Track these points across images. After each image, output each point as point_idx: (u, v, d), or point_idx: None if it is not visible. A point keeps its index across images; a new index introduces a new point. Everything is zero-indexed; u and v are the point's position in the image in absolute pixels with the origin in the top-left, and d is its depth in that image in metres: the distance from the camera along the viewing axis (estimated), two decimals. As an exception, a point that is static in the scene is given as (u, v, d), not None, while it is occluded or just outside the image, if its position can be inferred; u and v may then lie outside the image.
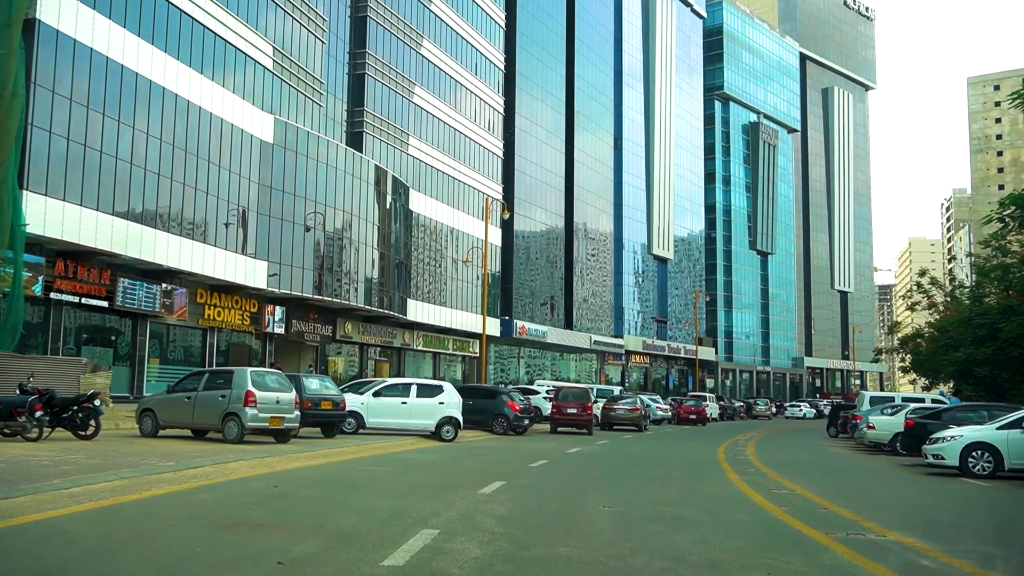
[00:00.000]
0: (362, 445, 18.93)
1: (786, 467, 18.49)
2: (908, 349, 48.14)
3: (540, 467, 16.14)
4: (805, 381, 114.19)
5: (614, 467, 17.35)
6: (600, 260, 77.22)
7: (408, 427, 22.89)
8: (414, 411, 22.60)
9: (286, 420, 17.67)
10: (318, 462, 15.13)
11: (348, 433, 21.90)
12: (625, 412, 34.91)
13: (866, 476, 17.92)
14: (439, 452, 19.01)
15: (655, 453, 22.05)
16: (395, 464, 15.66)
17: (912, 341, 45.59)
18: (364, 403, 22.52)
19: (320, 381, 21.02)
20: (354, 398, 22.46)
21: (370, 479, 12.99)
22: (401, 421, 22.75)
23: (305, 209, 38.92)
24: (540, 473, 15.00)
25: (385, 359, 50.69)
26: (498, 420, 26.71)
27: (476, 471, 14.83)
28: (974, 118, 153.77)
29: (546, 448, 21.79)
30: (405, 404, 22.71)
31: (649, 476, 15.18)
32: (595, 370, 75.42)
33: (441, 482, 12.88)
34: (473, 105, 57.34)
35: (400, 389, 23.34)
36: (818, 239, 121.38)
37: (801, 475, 16.52)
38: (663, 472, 16.02)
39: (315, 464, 14.78)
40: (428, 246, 52.28)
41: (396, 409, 22.63)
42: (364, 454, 17.30)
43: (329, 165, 40.61)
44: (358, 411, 22.30)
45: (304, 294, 39.21)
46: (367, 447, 18.76)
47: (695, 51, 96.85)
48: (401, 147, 49.41)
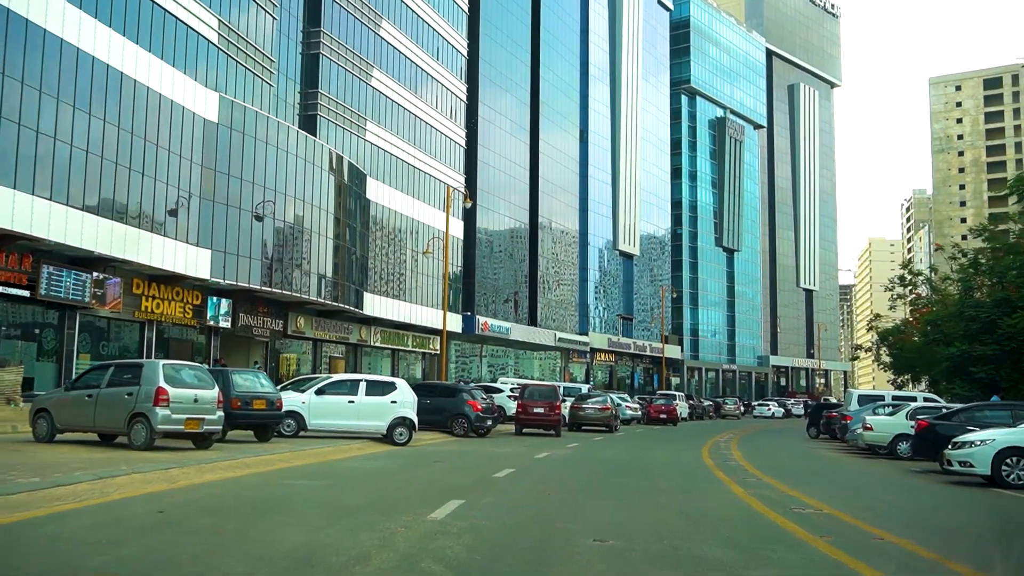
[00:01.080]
0: (298, 451, 16.57)
1: (790, 476, 16.39)
2: (889, 344, 46.46)
3: (507, 478, 13.91)
4: (771, 380, 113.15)
5: (593, 476, 15.21)
6: (565, 256, 75.18)
7: (356, 429, 20.52)
8: (363, 411, 20.20)
9: (206, 422, 15.13)
10: (236, 474, 12.73)
11: (287, 436, 19.50)
12: (595, 412, 32.81)
13: (890, 489, 15.51)
14: (388, 459, 16.73)
15: (634, 458, 19.92)
16: (330, 476, 13.28)
17: (894, 336, 43.69)
18: (306, 402, 20.09)
19: (254, 377, 18.59)
20: (294, 397, 20.04)
21: (291, 499, 10.55)
22: (348, 423, 20.36)
23: (253, 194, 36.29)
24: (507, 487, 12.78)
25: (341, 356, 48.15)
26: (458, 421, 24.47)
27: (429, 484, 12.58)
28: (935, 118, 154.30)
29: (512, 453, 19.57)
30: (352, 403, 20.30)
31: (637, 488, 13.05)
32: (559, 368, 73.37)
33: (383, 502, 10.50)
34: (434, 91, 54.95)
35: (347, 386, 20.90)
36: (784, 237, 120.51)
37: (814, 486, 14.42)
38: (651, 483, 13.88)
39: (231, 477, 12.32)
40: (386, 237, 49.82)
41: (342, 409, 20.21)
42: (297, 463, 14.96)
43: (280, 148, 38.01)
44: (298, 411, 19.87)
45: (252, 285, 36.57)
46: (303, 454, 16.42)
47: (662, 44, 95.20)
48: (358, 132, 46.91)
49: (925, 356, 36.79)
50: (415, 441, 20.71)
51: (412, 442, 20.52)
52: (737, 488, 13.41)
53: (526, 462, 17.24)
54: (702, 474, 16.17)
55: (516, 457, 18.38)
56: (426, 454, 18.38)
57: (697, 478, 15.37)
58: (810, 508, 11.35)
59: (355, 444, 19.32)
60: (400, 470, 14.71)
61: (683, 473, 16.30)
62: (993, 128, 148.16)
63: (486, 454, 19.02)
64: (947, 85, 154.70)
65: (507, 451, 20.24)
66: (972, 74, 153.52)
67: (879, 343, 48.99)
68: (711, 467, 17.85)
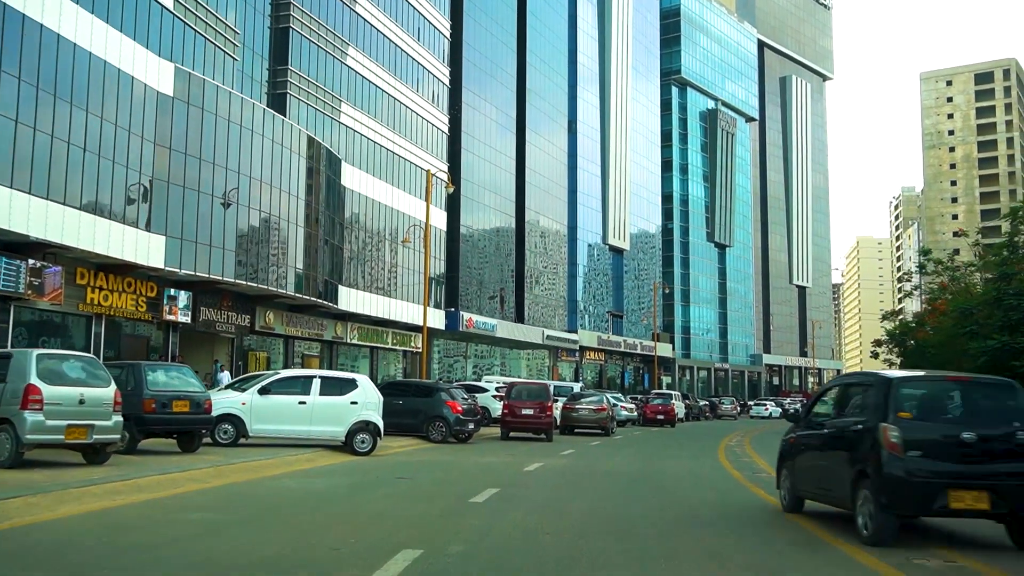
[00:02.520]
0: (226, 466, 13.39)
1: None
2: (901, 342, 43.47)
3: (488, 505, 10.66)
4: (764, 379, 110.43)
5: (602, 500, 11.71)
6: (554, 250, 72.21)
7: (309, 436, 17.37)
8: (316, 414, 16.96)
9: (97, 430, 11.79)
10: (111, 503, 9.48)
11: (224, 445, 16.38)
12: (589, 413, 29.79)
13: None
14: (339, 475, 13.64)
15: (645, 468, 16.88)
16: (245, 506, 10.02)
17: (908, 333, 40.46)
18: (247, 403, 16.81)
19: (178, 373, 15.42)
20: (232, 397, 16.89)
21: (151, 552, 7.10)
22: (298, 428, 17.17)
23: (214, 177, 33.08)
24: (487, 521, 9.24)
25: (315, 354, 45.00)
26: (435, 424, 21.41)
27: (378, 518, 9.26)
28: (927, 114, 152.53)
29: (497, 464, 16.53)
30: (304, 405, 17.01)
31: (669, 521, 9.83)
32: (548, 367, 70.39)
33: (294, 555, 7.05)
34: (415, 74, 51.82)
35: (298, 384, 17.53)
36: (776, 232, 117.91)
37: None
38: (685, 509, 10.77)
39: (98, 509, 9.03)
40: (364, 228, 46.67)
41: (291, 411, 16.95)
42: (215, 483, 11.79)
43: (244, 127, 34.83)
44: (237, 414, 16.66)
45: (214, 276, 33.35)
46: (231, 469, 13.24)
47: (652, 33, 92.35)
48: (332, 114, 43.74)
49: (945, 351, 33.90)
50: (382, 449, 17.65)
51: (378, 450, 17.44)
52: (806, 523, 10.06)
53: (513, 477, 14.25)
54: (739, 494, 13.08)
55: (501, 470, 15.40)
56: (391, 467, 15.37)
57: (736, 499, 12.39)
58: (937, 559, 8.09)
59: (305, 454, 16.24)
60: (347, 493, 11.62)
61: (717, 491, 13.32)
62: (984, 124, 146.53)
63: (465, 466, 16.06)
64: (938, 80, 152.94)
65: (491, 461, 17.27)
66: (963, 69, 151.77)
67: (890, 341, 45.99)
68: (743, 481, 14.92)
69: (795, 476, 10.66)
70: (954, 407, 9.25)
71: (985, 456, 8.59)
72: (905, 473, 8.45)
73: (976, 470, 8.52)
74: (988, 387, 9.67)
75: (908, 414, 8.81)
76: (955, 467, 8.48)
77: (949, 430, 8.74)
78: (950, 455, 8.55)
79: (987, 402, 9.22)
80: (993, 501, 8.40)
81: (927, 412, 9.07)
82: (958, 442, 8.52)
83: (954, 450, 8.57)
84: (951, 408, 9.25)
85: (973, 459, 8.56)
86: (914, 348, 39.53)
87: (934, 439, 8.71)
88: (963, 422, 8.86)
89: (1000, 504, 8.45)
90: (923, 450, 8.60)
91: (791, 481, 10.75)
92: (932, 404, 9.26)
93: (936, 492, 8.42)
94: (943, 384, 9.86)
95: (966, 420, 8.93)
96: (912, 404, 9.06)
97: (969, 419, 8.91)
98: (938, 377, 10.61)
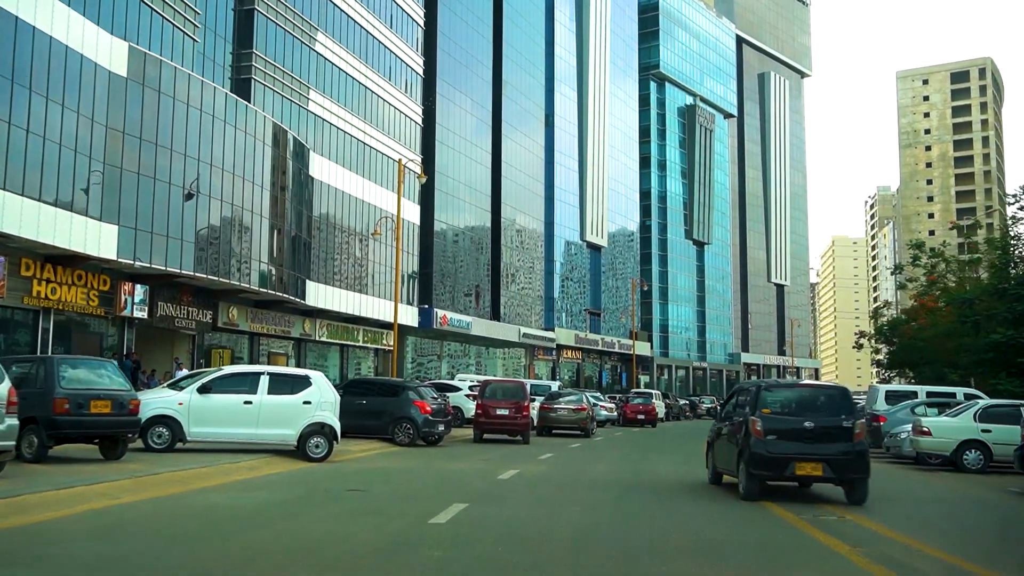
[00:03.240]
0: (147, 477, 11.54)
1: (881, 510, 11.77)
2: (895, 335, 42.09)
3: (452, 529, 8.76)
4: (742, 378, 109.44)
5: (592, 523, 9.76)
6: (530, 246, 70.65)
7: (256, 439, 15.54)
8: (265, 415, 15.12)
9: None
10: None
11: (158, 450, 14.60)
12: (568, 413, 28.24)
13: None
14: (281, 488, 11.87)
15: (636, 478, 15.20)
16: (140, 536, 8.00)
17: (896, 329, 38.98)
18: (184, 404, 14.92)
19: (103, 369, 13.56)
20: (168, 397, 15.12)
21: None
22: (244, 431, 15.30)
23: (172, 163, 31.21)
24: (447, 559, 7.29)
25: (282, 352, 43.20)
26: (402, 426, 19.75)
27: (305, 554, 7.24)
28: (903, 112, 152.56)
29: (467, 471, 14.91)
30: (250, 405, 15.13)
31: (691, 568, 7.73)
32: (524, 366, 68.84)
33: None
34: (388, 62, 50.06)
35: (244, 382, 15.57)
36: (754, 230, 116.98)
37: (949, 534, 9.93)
38: (704, 539, 8.97)
39: None
40: (333, 220, 44.87)
41: (236, 412, 15.08)
42: (125, 499, 9.97)
43: (205, 112, 32.97)
44: (172, 416, 14.79)
45: (172, 269, 31.50)
46: (153, 481, 11.38)
47: (630, 27, 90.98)
48: (300, 101, 41.94)
49: (936, 346, 32.59)
50: (340, 454, 15.96)
51: (335, 455, 15.73)
52: (842, 546, 8.51)
53: (486, 488, 12.61)
54: (749, 509, 11.49)
55: (472, 479, 13.80)
56: (345, 476, 13.65)
57: (747, 515, 10.85)
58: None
59: (249, 461, 14.46)
60: (283, 513, 9.78)
61: (723, 506, 11.71)
62: (960, 123, 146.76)
63: (431, 474, 14.44)
64: (914, 79, 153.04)
65: (461, 468, 15.67)
66: (939, 68, 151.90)
67: (877, 337, 44.62)
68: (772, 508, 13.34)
69: (715, 457, 14.01)
70: (801, 406, 12.58)
71: (820, 439, 11.99)
72: (765, 451, 11.94)
73: (814, 448, 11.96)
74: (826, 391, 13.29)
75: (768, 411, 12.33)
76: (799, 446, 11.96)
77: (796, 422, 12.15)
78: (796, 438, 12.01)
79: (825, 401, 12.64)
80: (825, 470, 11.91)
81: (782, 409, 12.49)
82: (801, 429, 12.03)
83: (799, 435, 12.05)
84: (799, 406, 12.57)
85: (812, 441, 12.00)
86: (905, 343, 38.14)
87: (785, 427, 12.12)
88: (805, 414, 12.28)
89: (830, 472, 11.93)
90: (778, 435, 12.03)
91: (713, 462, 14.13)
92: (786, 404, 12.70)
93: (786, 463, 11.91)
94: (795, 390, 13.91)
95: (808, 414, 12.30)
96: (773, 404, 12.55)
97: (810, 414, 12.29)
98: (791, 385, 15.58)
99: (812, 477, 12.13)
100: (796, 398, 12.93)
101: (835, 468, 11.90)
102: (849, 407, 12.43)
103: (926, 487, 15.85)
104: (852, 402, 12.77)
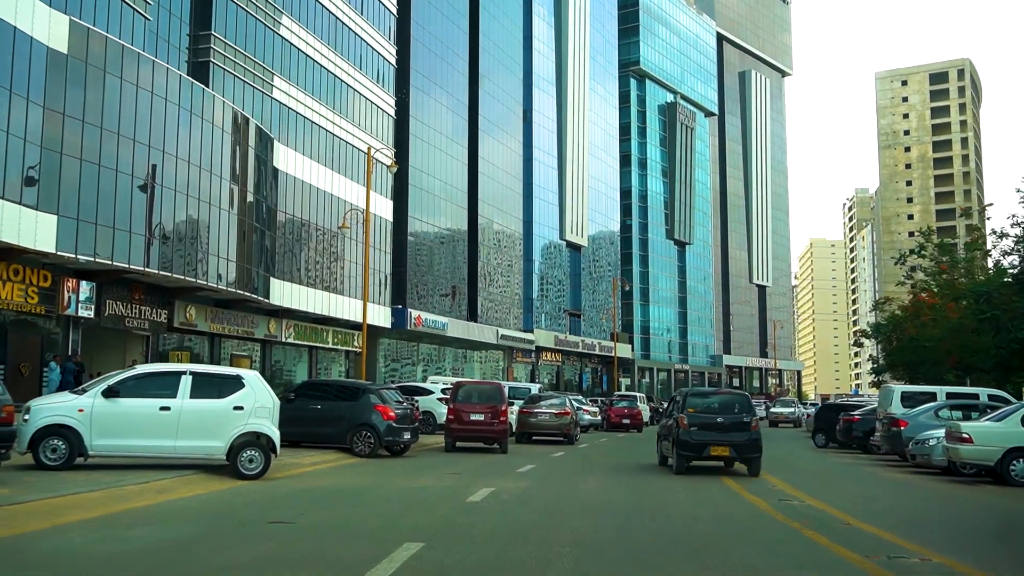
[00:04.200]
0: (19, 505, 9.14)
1: (937, 539, 9.67)
2: (894, 335, 40.03)
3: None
4: (724, 380, 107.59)
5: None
6: (509, 245, 68.42)
7: (174, 453, 12.94)
8: (186, 423, 12.52)
9: None
10: None
11: (51, 467, 12.04)
12: (550, 418, 26.01)
13: None
14: (183, 520, 9.45)
15: (638, 501, 12.52)
16: None
17: (907, 323, 36.74)
18: (86, 410, 12.26)
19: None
20: (65, 402, 12.62)
21: None
22: (159, 443, 12.65)
23: (119, 149, 28.72)
24: None
25: (245, 354, 40.75)
26: (361, 434, 17.37)
27: None
28: (882, 113, 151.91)
29: (430, 492, 12.55)
30: (168, 411, 12.50)
31: None
32: (503, 369, 66.57)
33: None
34: (359, 50, 47.71)
35: (162, 384, 12.85)
36: (736, 230, 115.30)
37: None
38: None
39: None
40: (300, 215, 42.45)
41: (150, 421, 12.48)
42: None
43: (157, 95, 30.50)
44: (71, 425, 12.14)
45: (120, 264, 28.99)
46: (11, 512, 8.96)
47: (610, 22, 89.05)
48: (264, 88, 39.53)
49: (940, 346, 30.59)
50: (284, 468, 13.59)
51: (276, 470, 13.32)
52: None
53: (450, 517, 10.14)
54: (800, 548, 9.05)
55: (436, 502, 11.46)
56: (276, 500, 11.13)
57: (799, 556, 8.62)
58: None
59: (163, 481, 11.99)
60: (157, 563, 7.28)
61: (763, 547, 9.09)
62: (939, 123, 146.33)
63: (387, 495, 12.06)
64: (893, 80, 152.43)
65: (425, 486, 13.34)
66: (918, 69, 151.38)
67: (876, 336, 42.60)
68: (775, 514, 11.18)
69: (661, 446, 18.55)
70: (715, 407, 17.28)
71: (728, 430, 16.61)
72: (690, 438, 16.43)
73: (723, 436, 16.53)
74: (733, 396, 18.53)
75: (693, 409, 16.83)
76: (713, 435, 16.50)
77: (711, 418, 16.77)
78: (711, 429, 16.58)
79: (732, 403, 17.48)
80: (731, 451, 16.61)
81: (701, 408, 17.11)
82: (715, 423, 16.66)
83: (713, 427, 16.66)
84: (713, 407, 17.23)
85: (722, 431, 16.62)
86: (907, 342, 36.06)
87: (703, 422, 16.63)
88: (718, 413, 16.97)
89: (735, 453, 16.65)
90: (698, 427, 16.53)
91: (660, 450, 18.67)
92: (704, 404, 17.37)
93: (704, 447, 16.41)
94: (711, 396, 18.51)
95: (719, 412, 17.04)
96: (695, 405, 17.13)
97: (721, 413, 16.97)
98: (709, 392, 20.63)
99: (722, 457, 16.83)
100: (712, 401, 17.82)
101: (738, 450, 16.59)
102: (748, 407, 17.21)
103: (976, 507, 13.64)
104: (751, 404, 17.62)
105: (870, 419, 24.14)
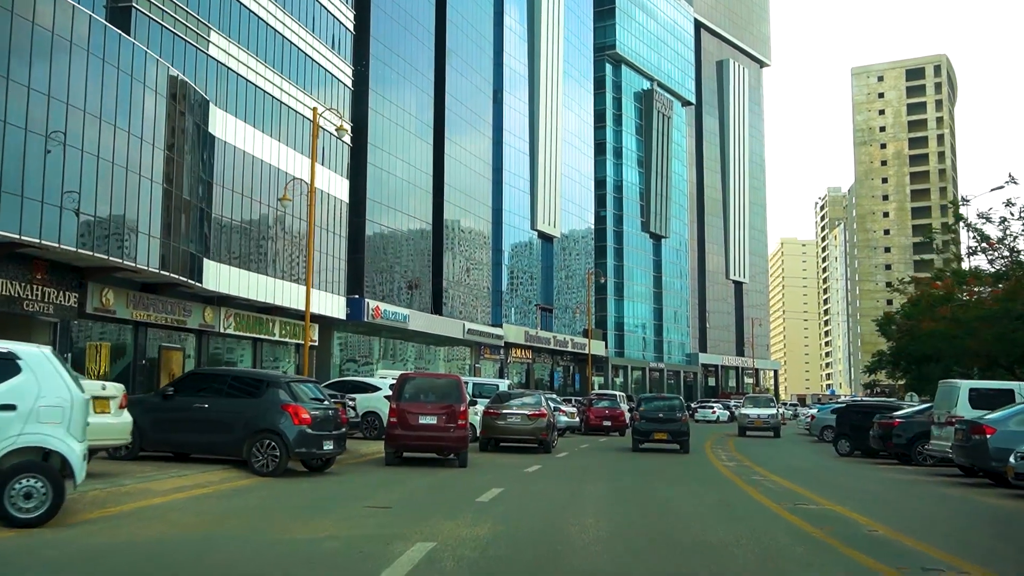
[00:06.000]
0: None
1: None
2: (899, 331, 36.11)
3: None
4: (700, 380, 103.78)
5: None
6: (477, 234, 63.96)
7: None
8: None
9: None
10: None
11: None
12: (521, 421, 21.62)
13: None
14: None
15: (673, 555, 8.23)
16: None
17: (923, 317, 32.60)
18: None
19: None
20: None
21: None
22: None
23: (8, 97, 23.93)
24: None
25: (177, 346, 35.96)
26: (262, 444, 12.68)
27: None
28: (858, 109, 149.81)
29: (325, 556, 7.62)
30: None
31: None
32: (470, 366, 62.10)
33: None
34: (310, 9, 43.04)
35: None
36: (712, 224, 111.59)
37: None
38: None
39: None
40: (242, 190, 37.75)
41: None
42: None
43: (60, 36, 25.74)
44: None
45: (10, 234, 24.21)
46: None
47: (585, 2, 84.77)
48: (197, 43, 34.78)
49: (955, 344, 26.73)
50: (120, 498, 8.83)
51: (92, 505, 8.50)
52: None
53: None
54: None
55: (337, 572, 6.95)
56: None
57: None
58: None
59: None
60: None
61: None
62: (915, 120, 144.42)
63: (264, 556, 7.48)
64: (869, 75, 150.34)
65: (324, 538, 8.27)
66: (894, 64, 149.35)
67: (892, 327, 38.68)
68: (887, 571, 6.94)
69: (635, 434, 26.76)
70: (659, 406, 26.59)
71: (665, 422, 25.33)
72: (640, 427, 25.56)
73: (663, 426, 25.19)
74: (672, 399, 28.14)
75: (643, 408, 26.64)
76: (656, 424, 25.27)
77: (656, 413, 25.91)
78: (655, 421, 25.45)
79: (670, 404, 26.95)
80: (668, 436, 25.09)
81: (649, 408, 26.52)
82: (658, 417, 25.61)
83: (656, 420, 25.55)
84: (657, 406, 26.69)
85: (662, 423, 25.36)
86: (924, 337, 32.07)
87: (650, 416, 25.78)
88: (660, 410, 26.16)
89: (671, 438, 25.13)
90: (646, 420, 25.62)
91: (633, 437, 26.36)
92: (652, 405, 26.94)
93: (650, 433, 25.14)
94: (657, 400, 28.21)
95: (661, 409, 26.27)
96: (646, 405, 26.97)
97: (662, 410, 26.16)
98: (655, 397, 30.45)
99: (662, 440, 25.06)
100: (658, 404, 26.94)
101: (672, 436, 24.89)
102: (681, 407, 26.53)
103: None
104: (683, 405, 27.43)
105: (913, 423, 20.12)
